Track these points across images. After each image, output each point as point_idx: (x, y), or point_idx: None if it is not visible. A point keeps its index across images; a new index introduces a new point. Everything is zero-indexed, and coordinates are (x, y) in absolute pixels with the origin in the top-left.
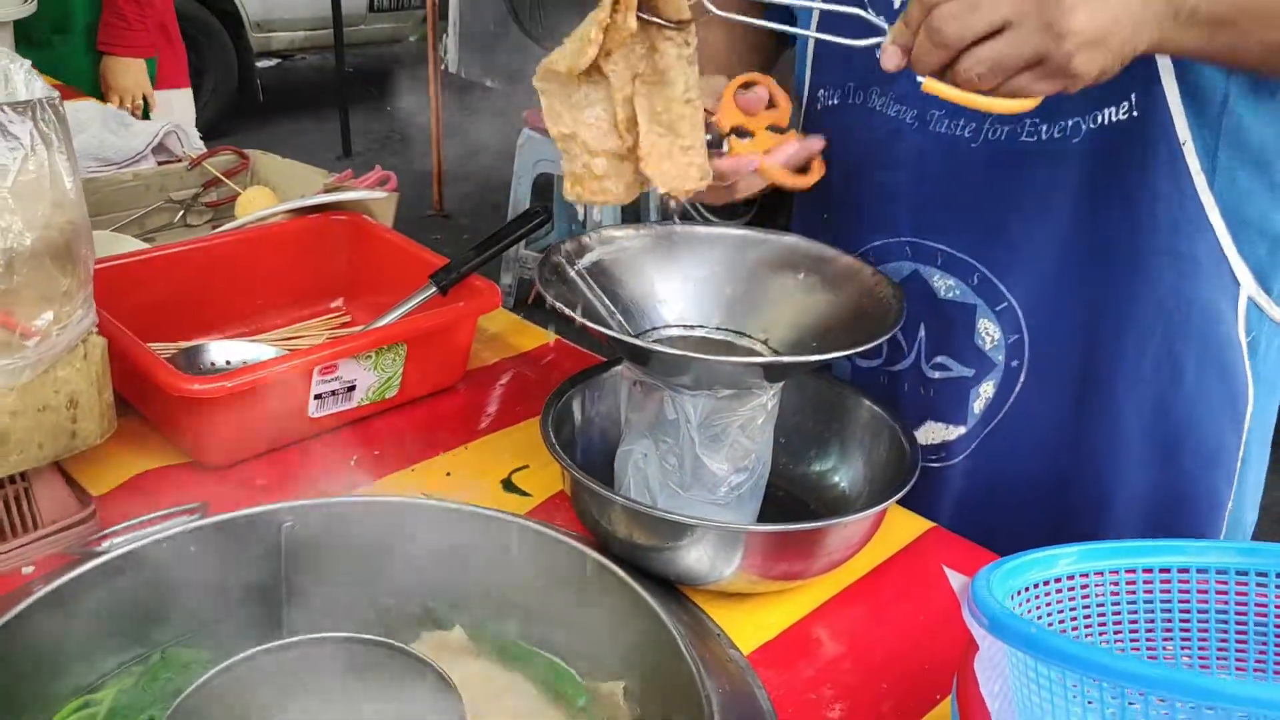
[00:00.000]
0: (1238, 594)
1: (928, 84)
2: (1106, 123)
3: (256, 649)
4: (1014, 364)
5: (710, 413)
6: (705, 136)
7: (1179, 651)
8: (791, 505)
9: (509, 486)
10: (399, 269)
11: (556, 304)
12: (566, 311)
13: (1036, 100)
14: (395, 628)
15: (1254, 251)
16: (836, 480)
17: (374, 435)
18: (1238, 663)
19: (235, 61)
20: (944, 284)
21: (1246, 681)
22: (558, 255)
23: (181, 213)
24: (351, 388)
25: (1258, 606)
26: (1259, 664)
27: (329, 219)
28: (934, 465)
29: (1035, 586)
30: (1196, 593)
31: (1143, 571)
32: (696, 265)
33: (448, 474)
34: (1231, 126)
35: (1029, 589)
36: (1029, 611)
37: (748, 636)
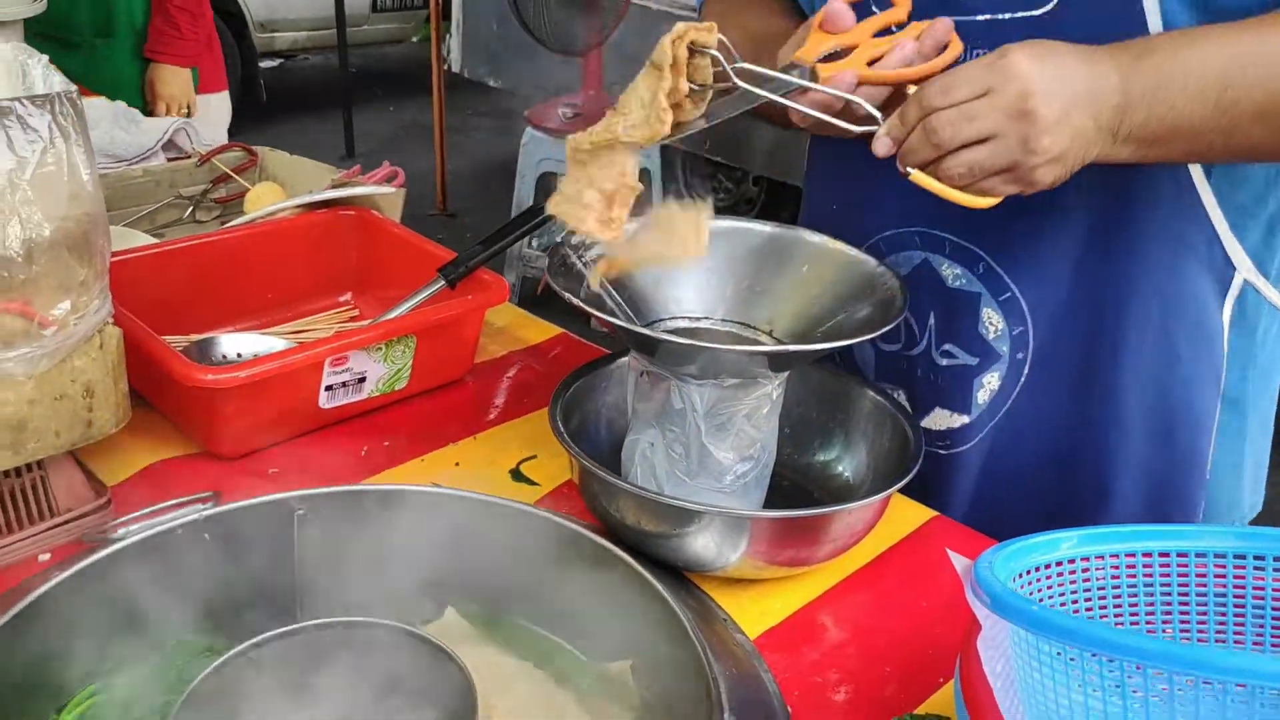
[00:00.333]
0: (1235, 577)
1: (914, 175)
2: None
3: (269, 634)
4: (1019, 356)
5: (716, 402)
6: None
7: (1178, 634)
8: (796, 494)
9: (517, 476)
10: (407, 263)
11: (565, 294)
12: (575, 302)
13: (999, 199)
14: (406, 613)
15: (1250, 236)
16: (841, 469)
17: (384, 426)
18: (1236, 644)
19: (239, 62)
20: (951, 272)
21: (1242, 654)
22: (566, 248)
23: (191, 209)
24: (362, 379)
25: (1255, 589)
26: (1256, 645)
27: (337, 214)
28: (941, 452)
29: (1037, 569)
30: (1195, 576)
31: (1143, 556)
32: (703, 257)
33: (456, 464)
34: None
35: (1031, 572)
36: (1031, 594)
37: (753, 622)
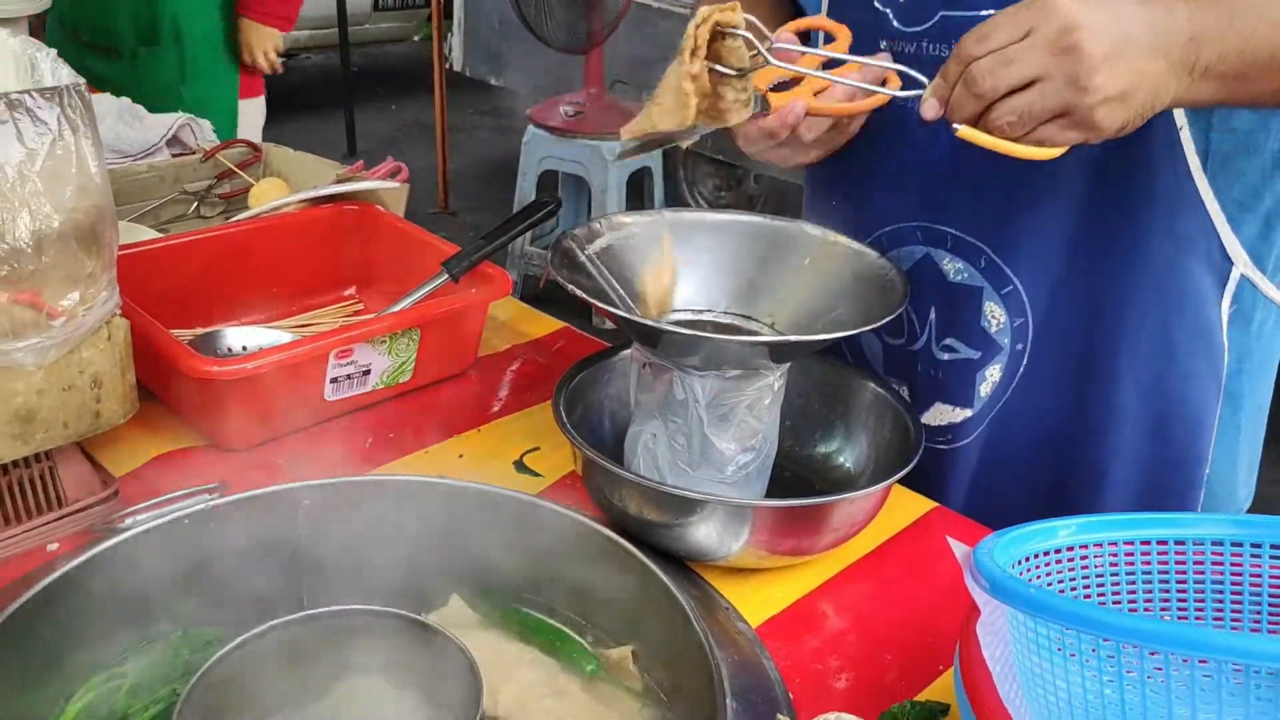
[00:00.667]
0: (1233, 565)
1: (962, 131)
2: None
3: (275, 622)
4: (1019, 347)
5: (718, 393)
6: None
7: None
8: (797, 485)
9: (521, 467)
10: (410, 258)
11: (569, 286)
12: (579, 294)
13: (1063, 148)
14: (411, 602)
15: (1247, 231)
16: (842, 461)
17: (388, 419)
18: (1233, 631)
19: None
20: (953, 267)
21: (1238, 634)
22: (569, 241)
23: (195, 204)
24: (367, 372)
25: (1252, 576)
26: (1253, 631)
27: (342, 209)
28: (941, 447)
29: (1036, 557)
30: (1193, 564)
31: (1140, 544)
32: (704, 251)
33: (460, 456)
34: (1222, 111)
35: (1029, 559)
36: (1030, 581)
37: (755, 610)
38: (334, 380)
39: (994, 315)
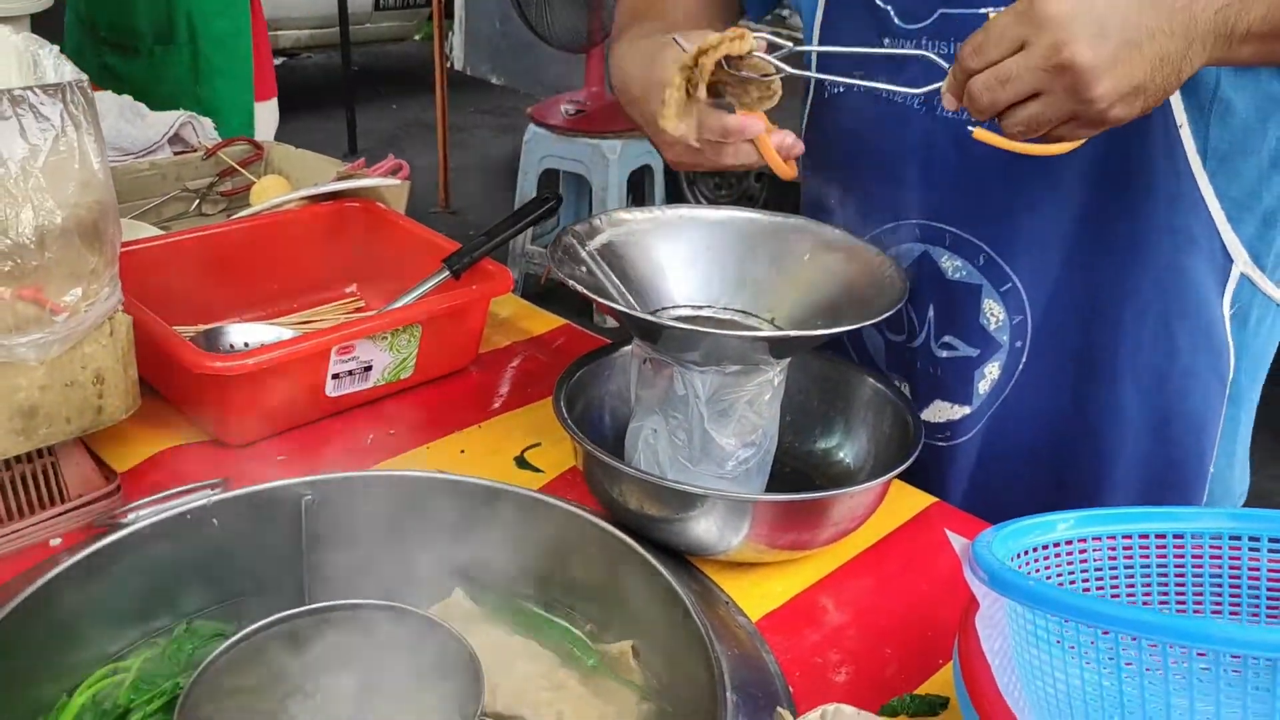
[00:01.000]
0: (1231, 559)
1: (978, 132)
2: None
3: (277, 616)
4: (1017, 344)
5: (719, 388)
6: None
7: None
8: (798, 481)
9: (521, 463)
10: (411, 255)
11: (569, 282)
12: (579, 289)
13: (1081, 140)
14: (413, 596)
15: (1246, 228)
16: (842, 456)
17: (389, 415)
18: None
19: None
20: (951, 265)
21: (1236, 624)
22: (570, 236)
23: (197, 202)
24: (368, 368)
25: (1250, 570)
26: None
27: (343, 206)
28: (940, 444)
29: (1034, 550)
30: (1191, 558)
31: (1139, 537)
32: (704, 247)
33: (461, 451)
34: (1221, 109)
35: (1028, 552)
36: (1029, 574)
37: (755, 604)
38: (335, 376)
39: (993, 313)
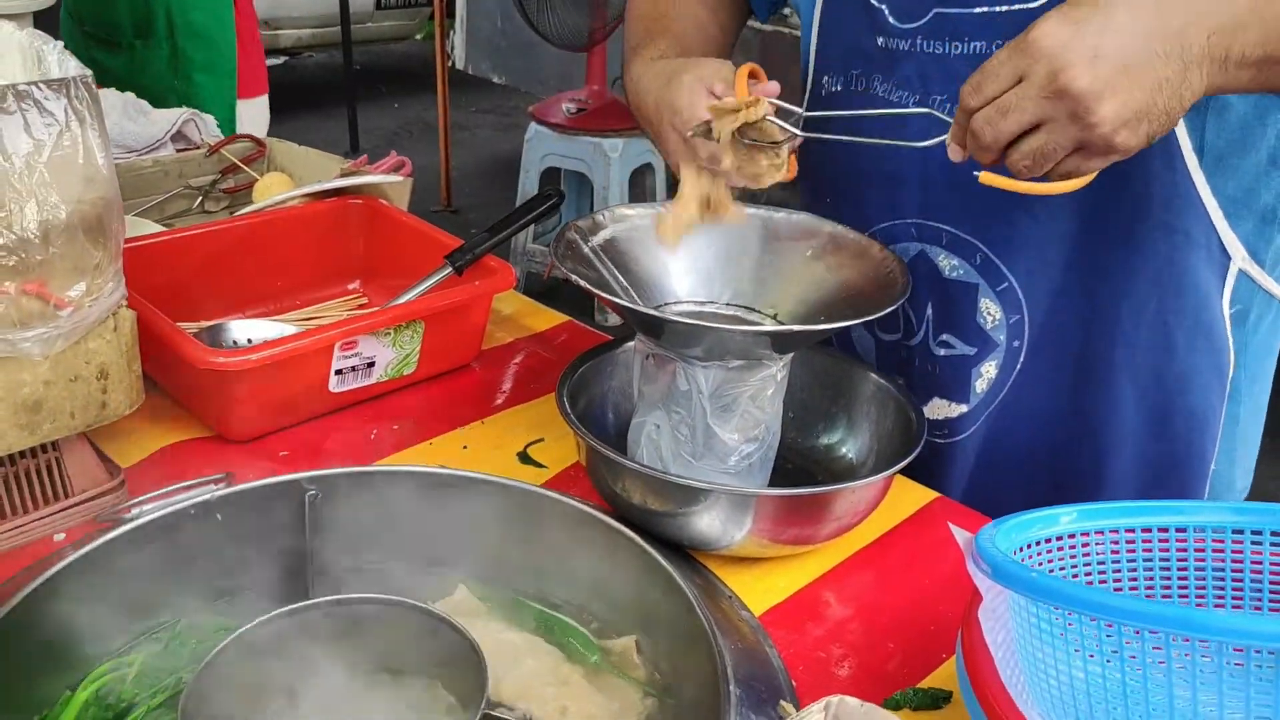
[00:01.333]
0: (1233, 552)
1: (984, 176)
2: None
3: (281, 610)
4: (1015, 344)
5: (721, 383)
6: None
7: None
8: (800, 477)
9: (524, 459)
10: (414, 251)
11: (572, 276)
12: (582, 284)
13: (1091, 175)
14: (417, 591)
15: (1244, 226)
16: (844, 452)
17: (392, 410)
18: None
19: None
20: (948, 263)
21: (1238, 615)
22: (572, 232)
23: (200, 199)
24: (371, 364)
25: (1253, 563)
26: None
27: (345, 203)
28: (940, 441)
29: (1037, 544)
30: (1194, 551)
31: (1141, 531)
32: (707, 242)
33: (464, 447)
34: (1218, 107)
35: (1031, 545)
36: (1032, 567)
37: (758, 599)
38: (339, 372)
39: (989, 312)
